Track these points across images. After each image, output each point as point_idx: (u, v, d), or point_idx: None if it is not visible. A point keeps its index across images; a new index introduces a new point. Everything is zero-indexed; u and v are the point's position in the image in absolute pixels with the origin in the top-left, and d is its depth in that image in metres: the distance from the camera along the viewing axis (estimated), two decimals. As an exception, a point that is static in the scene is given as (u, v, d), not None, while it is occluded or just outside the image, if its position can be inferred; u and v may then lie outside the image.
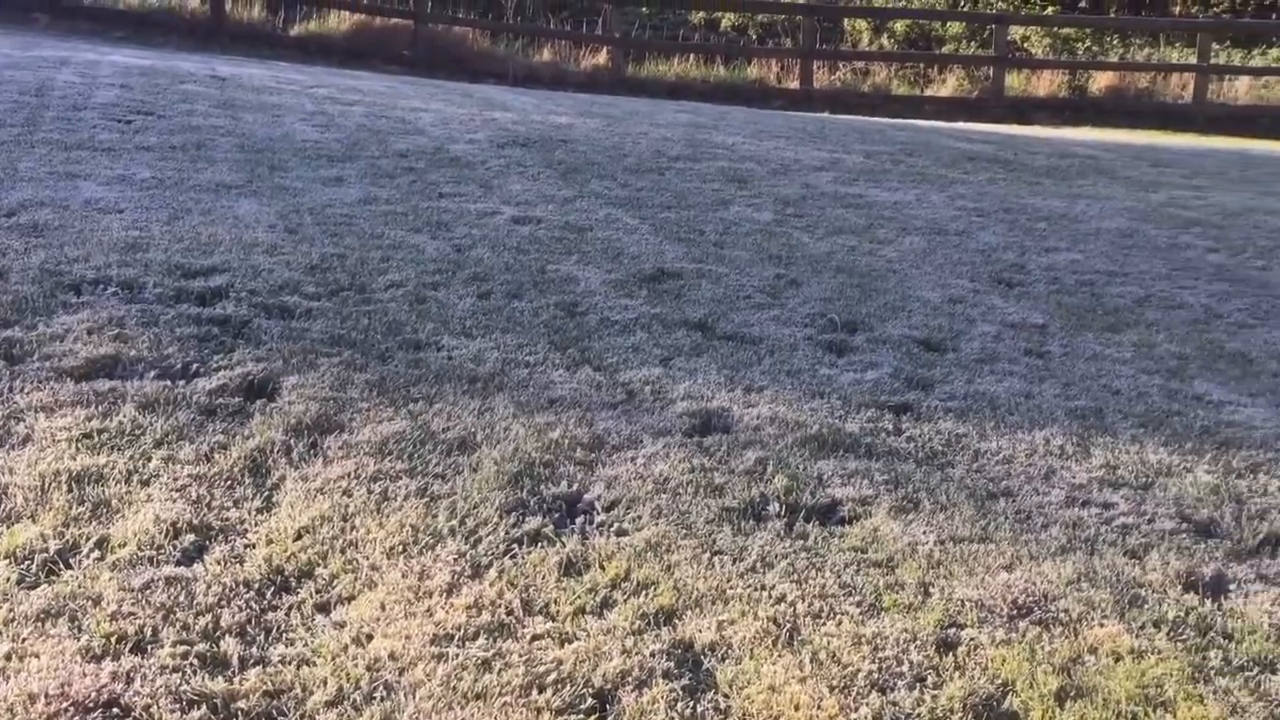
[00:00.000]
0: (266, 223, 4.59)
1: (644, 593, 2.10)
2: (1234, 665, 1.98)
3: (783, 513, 2.49)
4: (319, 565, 2.14)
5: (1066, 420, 3.27)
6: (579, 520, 2.40)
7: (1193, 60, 15.47)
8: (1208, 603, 2.20)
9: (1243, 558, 2.43)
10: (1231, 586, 2.29)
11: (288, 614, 1.99)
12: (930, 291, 4.63)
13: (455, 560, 2.17)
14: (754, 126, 9.54)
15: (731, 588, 2.14)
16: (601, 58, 14.75)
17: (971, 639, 2.01)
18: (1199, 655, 1.99)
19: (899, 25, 18.34)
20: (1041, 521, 2.55)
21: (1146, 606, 2.16)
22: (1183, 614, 2.14)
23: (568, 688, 1.80)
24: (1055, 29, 17.96)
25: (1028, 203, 6.78)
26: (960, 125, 12.46)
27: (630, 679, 1.83)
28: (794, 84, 14.94)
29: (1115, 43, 18.71)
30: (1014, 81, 15.60)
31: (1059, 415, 3.30)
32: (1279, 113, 15.22)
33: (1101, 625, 2.06)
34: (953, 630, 2.04)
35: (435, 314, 3.70)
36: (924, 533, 2.42)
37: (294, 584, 2.08)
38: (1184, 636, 2.06)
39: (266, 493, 2.42)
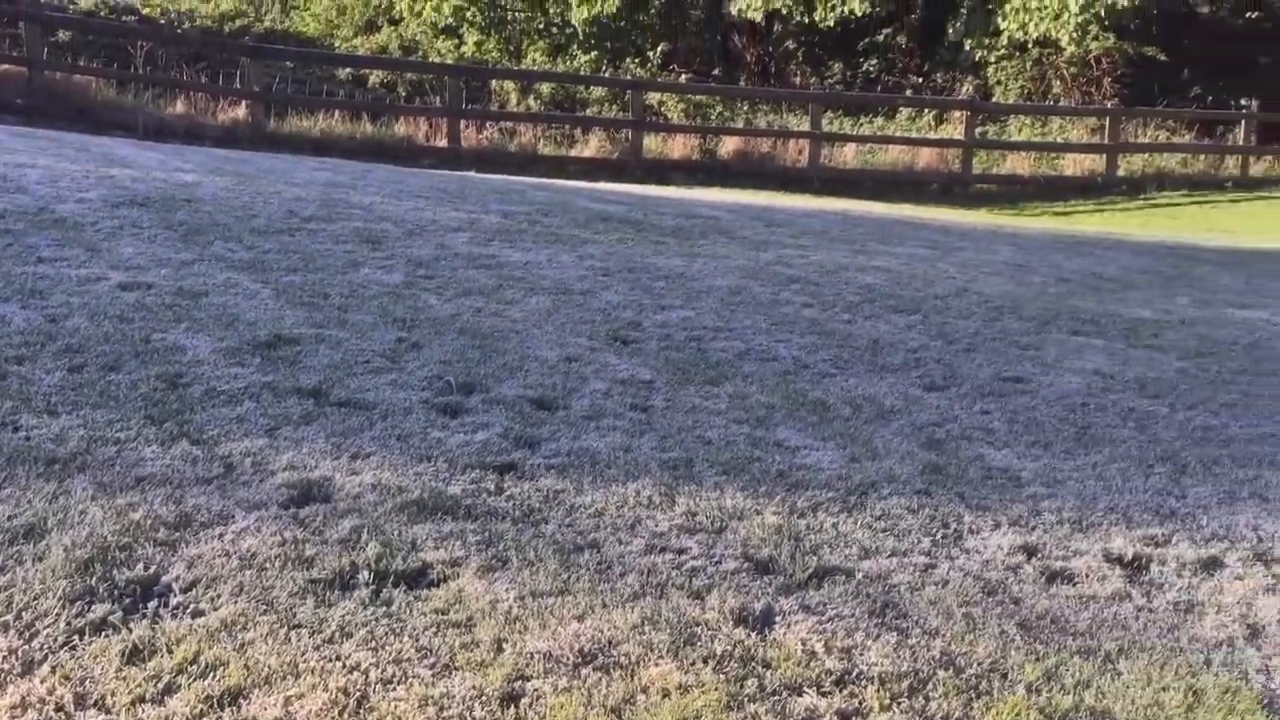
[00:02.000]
0: None
1: (212, 674, 2.07)
2: (767, 691, 2.20)
3: (371, 580, 2.53)
4: None
5: (659, 471, 3.51)
6: (152, 604, 2.33)
7: (807, 128, 16.98)
8: (754, 635, 2.43)
9: (792, 591, 2.70)
10: (778, 619, 2.54)
11: None
12: (549, 350, 4.82)
13: (4, 658, 2.06)
14: (395, 186, 9.56)
15: (305, 661, 2.15)
16: (241, 111, 14.31)
17: (535, 690, 2.13)
18: (738, 685, 2.21)
19: (545, 88, 18.98)
20: (620, 570, 2.73)
21: (699, 643, 2.36)
22: (730, 648, 2.36)
23: (114, 783, 1.75)
24: (689, 96, 19.18)
25: (651, 262, 7.19)
26: (601, 185, 13.04)
27: (185, 766, 1.81)
28: (442, 142, 15.09)
29: (745, 109, 20.26)
30: (652, 144, 16.51)
31: (653, 467, 3.54)
32: (880, 176, 16.99)
33: (657, 665, 2.24)
34: (519, 683, 2.15)
35: (16, 391, 3.47)
36: (506, 590, 2.53)
37: None
38: (728, 669, 2.27)
39: None
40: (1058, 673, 2.38)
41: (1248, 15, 25.70)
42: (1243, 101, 20.83)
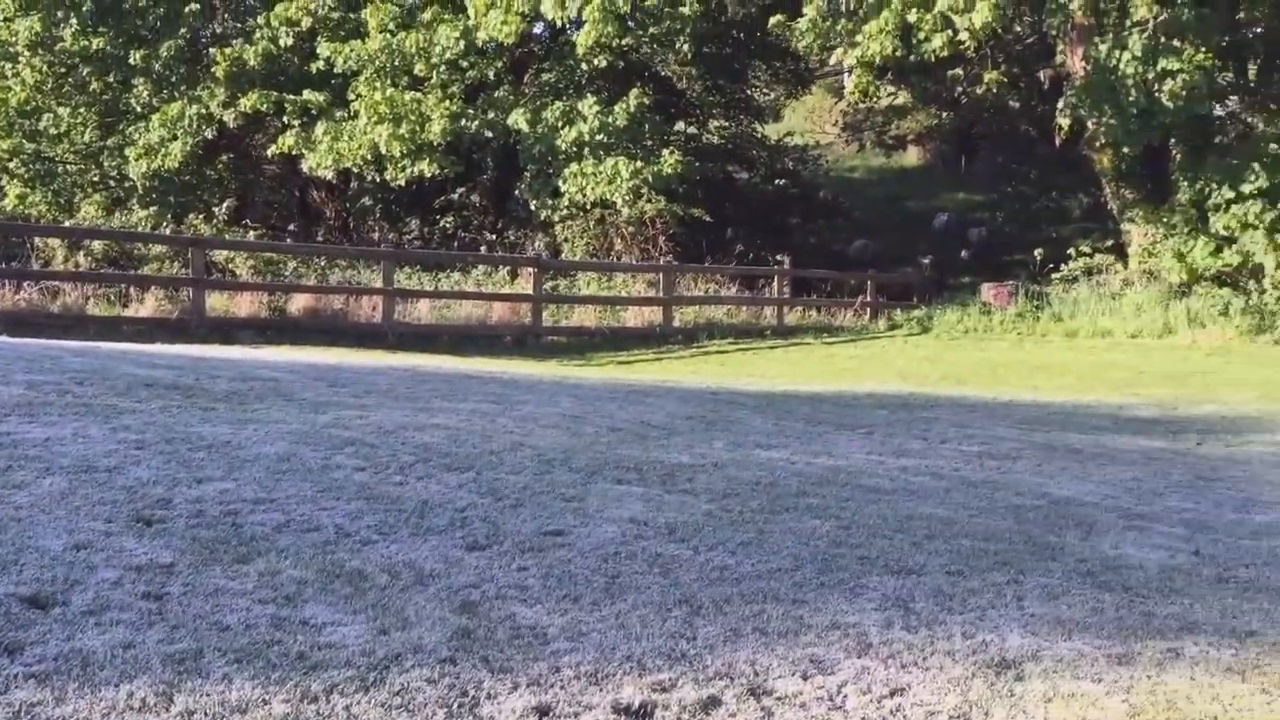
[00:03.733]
0: None
1: None
2: None
3: None
4: None
5: (161, 667, 3.25)
6: None
7: (381, 284, 17.06)
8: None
9: (287, 788, 2.56)
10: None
11: None
12: (55, 539, 4.39)
13: None
14: (-104, 356, 8.50)
15: None
16: None
17: None
18: None
19: (98, 244, 17.82)
20: (90, 791, 2.47)
21: None
22: None
23: None
24: (259, 252, 18.73)
25: (195, 431, 6.81)
26: (155, 348, 12.30)
27: None
28: (-32, 304, 13.71)
29: (322, 264, 20.05)
30: (217, 302, 15.89)
31: (155, 663, 3.27)
32: (456, 330, 17.34)
33: None
34: None
35: None
36: (-62, 836, 2.21)
37: None
38: None
39: None
40: (547, 840, 2.40)
41: (777, 183, 29.16)
42: (778, 258, 23.40)
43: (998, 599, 4.54)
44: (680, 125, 28.00)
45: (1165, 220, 21.38)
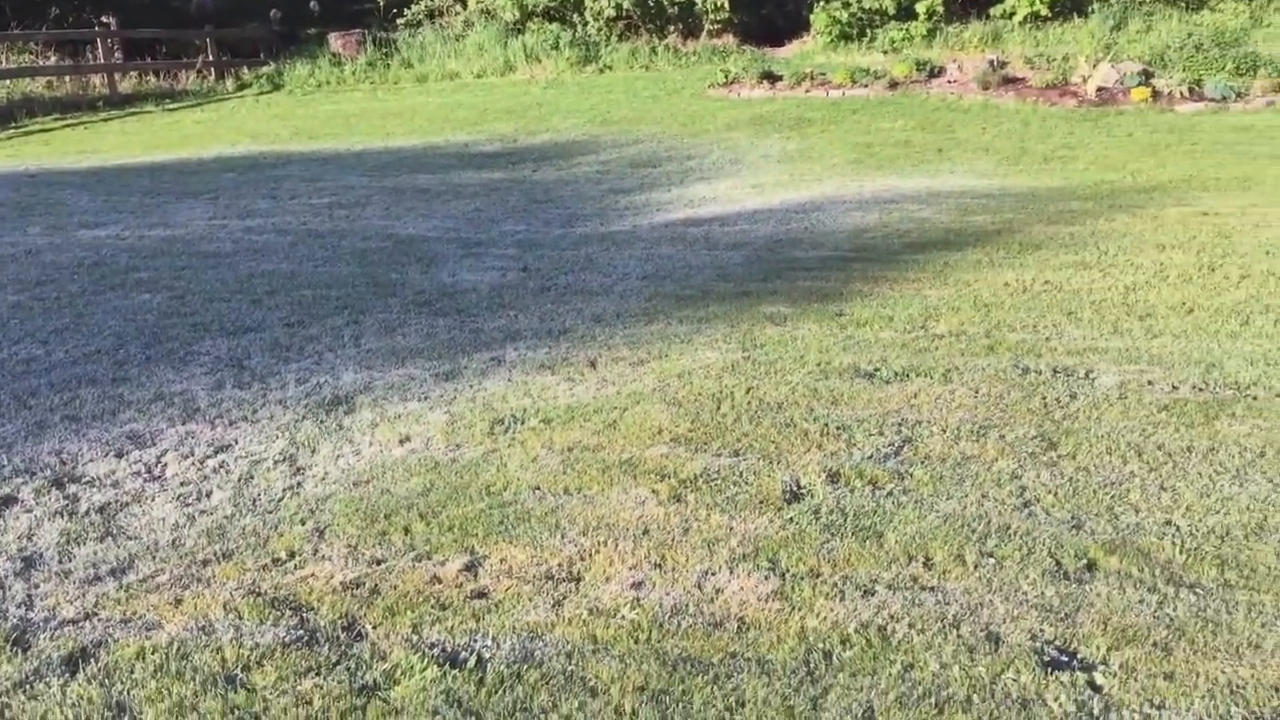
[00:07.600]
0: None
1: None
2: None
3: None
4: None
5: None
6: None
7: None
8: None
9: None
10: None
11: None
12: None
13: None
14: None
15: None
16: None
17: None
18: None
19: None
20: None
21: None
22: None
23: None
24: None
25: None
26: None
27: None
28: None
29: None
30: None
31: None
32: None
33: None
34: None
35: None
36: None
37: None
38: None
39: None
40: None
41: (86, -69, 25.59)
42: (103, 19, 20.81)
43: (335, 342, 4.54)
44: None
45: (496, -41, 21.87)
